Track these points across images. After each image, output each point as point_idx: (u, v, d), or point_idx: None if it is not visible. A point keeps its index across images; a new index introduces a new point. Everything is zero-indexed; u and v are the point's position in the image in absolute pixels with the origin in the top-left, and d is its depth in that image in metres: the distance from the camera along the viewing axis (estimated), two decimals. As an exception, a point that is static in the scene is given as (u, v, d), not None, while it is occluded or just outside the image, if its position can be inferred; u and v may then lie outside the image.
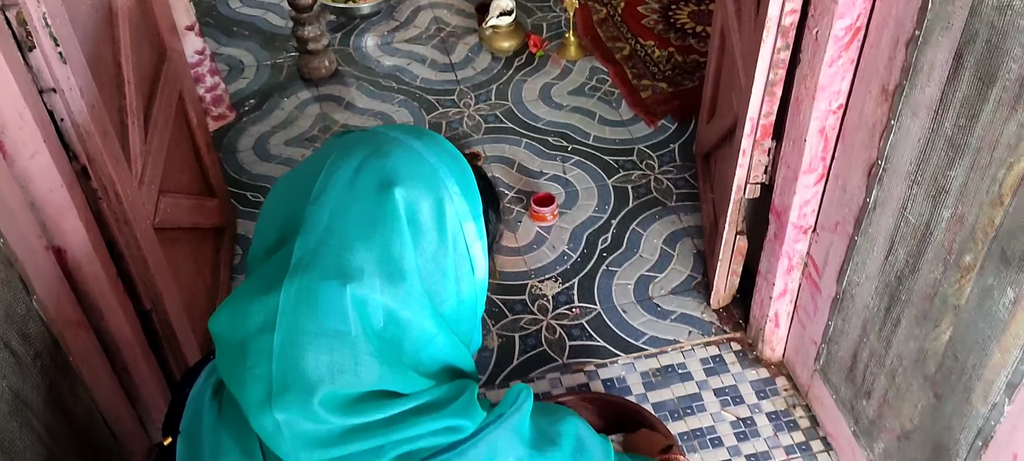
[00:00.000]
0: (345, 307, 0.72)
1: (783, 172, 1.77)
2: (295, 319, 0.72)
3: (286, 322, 0.72)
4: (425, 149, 0.79)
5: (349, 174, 0.75)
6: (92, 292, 1.39)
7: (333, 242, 0.73)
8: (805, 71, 1.58)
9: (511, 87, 2.99)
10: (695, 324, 2.19)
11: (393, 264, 0.73)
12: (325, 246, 0.73)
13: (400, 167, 0.76)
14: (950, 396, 1.42)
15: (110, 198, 1.42)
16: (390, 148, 0.77)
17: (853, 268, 1.66)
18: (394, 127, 0.82)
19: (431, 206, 0.76)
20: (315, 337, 0.72)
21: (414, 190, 0.76)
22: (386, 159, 0.76)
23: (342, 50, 3.18)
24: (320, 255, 0.73)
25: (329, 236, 0.73)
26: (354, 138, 0.80)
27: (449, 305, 0.79)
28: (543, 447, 0.83)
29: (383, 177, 0.75)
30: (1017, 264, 1.20)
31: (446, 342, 0.79)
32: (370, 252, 0.73)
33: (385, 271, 0.73)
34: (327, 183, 0.75)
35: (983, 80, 1.19)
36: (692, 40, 3.16)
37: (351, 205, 0.74)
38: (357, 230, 0.73)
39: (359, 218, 0.74)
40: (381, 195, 0.74)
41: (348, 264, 0.72)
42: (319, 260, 0.72)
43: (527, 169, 2.65)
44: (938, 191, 1.35)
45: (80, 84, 1.31)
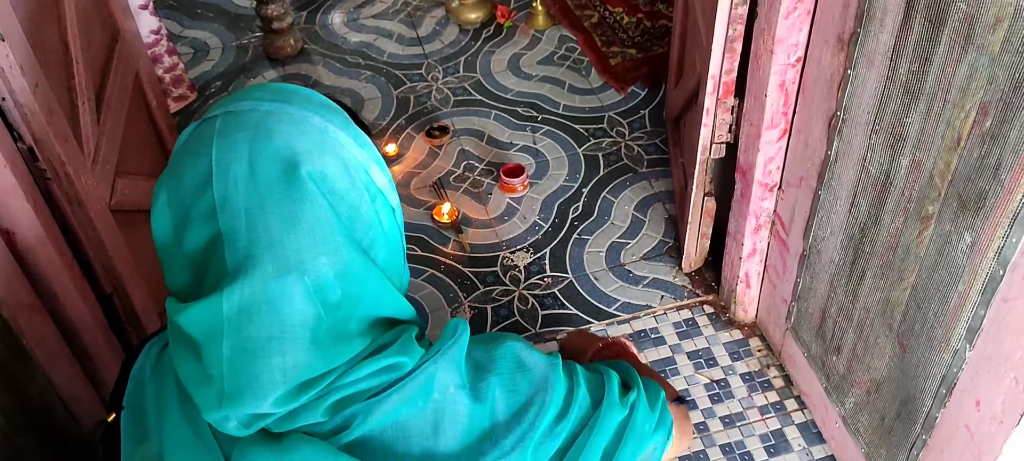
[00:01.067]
0: (308, 296, 0.72)
1: (746, 129, 1.76)
2: (242, 330, 0.71)
3: (234, 334, 0.71)
4: (301, 110, 0.77)
5: (244, 167, 0.72)
6: (45, 275, 1.37)
7: (262, 243, 0.71)
8: (763, 25, 1.57)
9: (479, 59, 2.96)
10: (667, 288, 2.18)
11: (326, 240, 0.73)
12: (255, 248, 0.71)
13: (293, 142, 0.74)
14: (915, 346, 1.42)
15: (60, 179, 1.40)
16: (270, 124, 0.75)
17: (818, 223, 1.65)
18: (250, 93, 0.78)
19: (336, 168, 0.76)
20: (266, 342, 0.71)
21: (317, 161, 0.74)
22: (273, 139, 0.74)
23: (308, 28, 3.14)
24: (254, 259, 0.71)
25: (254, 238, 0.71)
26: (224, 125, 0.75)
27: (380, 251, 0.79)
28: (481, 375, 0.83)
29: (282, 160, 0.73)
30: (973, 208, 1.19)
31: (390, 296, 0.79)
32: (300, 236, 0.72)
33: (323, 249, 0.73)
34: (226, 184, 0.72)
35: (933, 22, 1.18)
36: (660, 5, 3.13)
37: (264, 200, 0.72)
38: (280, 223, 0.72)
39: (277, 210, 0.72)
40: (289, 180, 0.73)
41: (286, 256, 0.72)
42: (256, 264, 0.71)
43: (497, 141, 2.63)
44: (896, 139, 1.34)
45: (20, 62, 1.28)
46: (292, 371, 0.72)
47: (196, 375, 0.74)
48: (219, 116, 0.76)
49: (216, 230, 0.72)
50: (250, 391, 0.72)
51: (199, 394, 0.74)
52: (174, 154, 0.78)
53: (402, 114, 2.74)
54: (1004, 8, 1.05)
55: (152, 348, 0.87)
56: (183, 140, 0.77)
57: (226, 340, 0.71)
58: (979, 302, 1.23)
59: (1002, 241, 1.15)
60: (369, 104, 2.78)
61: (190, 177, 0.74)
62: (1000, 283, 1.18)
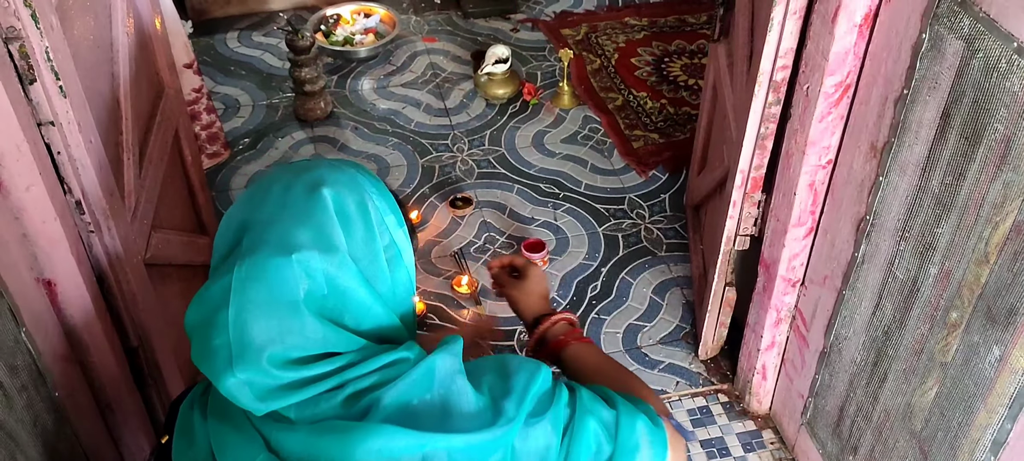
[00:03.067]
0: (292, 274, 0.85)
1: (772, 225, 1.79)
2: (245, 293, 0.85)
3: (238, 297, 0.85)
4: (344, 165, 0.97)
5: (283, 185, 0.92)
6: (79, 326, 1.39)
7: (273, 229, 0.88)
8: (796, 126, 1.61)
9: (504, 133, 3.01)
10: (683, 375, 2.18)
11: (327, 240, 0.88)
12: (267, 233, 0.88)
13: (325, 174, 0.93)
14: (936, 453, 1.42)
15: (103, 232, 1.42)
16: (315, 165, 0.95)
17: (841, 322, 1.66)
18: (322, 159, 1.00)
19: (355, 202, 0.92)
20: (264, 305, 0.85)
21: (339, 189, 0.91)
22: (313, 171, 0.93)
23: (338, 92, 3.20)
24: (263, 240, 0.87)
25: (269, 226, 0.88)
26: (285, 166, 0.97)
27: (384, 285, 0.93)
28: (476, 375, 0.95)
29: (312, 182, 0.91)
30: (1003, 322, 1.21)
31: (383, 313, 0.93)
32: (306, 231, 0.88)
33: (321, 245, 0.87)
34: (266, 195, 0.92)
35: (969, 140, 1.22)
36: (684, 93, 3.20)
37: (287, 205, 0.90)
38: (293, 220, 0.89)
39: (294, 212, 0.89)
40: (312, 194, 0.90)
41: (289, 240, 0.87)
42: (263, 244, 0.87)
43: (518, 215, 2.66)
44: (925, 248, 1.36)
45: (78, 118, 1.31)
46: (287, 336, 0.85)
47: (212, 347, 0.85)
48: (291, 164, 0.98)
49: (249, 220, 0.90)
50: (250, 348, 0.84)
51: (213, 364, 0.85)
52: None
53: (426, 182, 2.78)
54: (1041, 133, 1.08)
55: (199, 386, 1.00)
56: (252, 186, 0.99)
57: (232, 304, 0.85)
58: (1006, 416, 1.24)
59: (1031, 357, 1.17)
60: (395, 171, 2.82)
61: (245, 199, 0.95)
62: (1028, 399, 1.19)
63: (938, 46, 1.25)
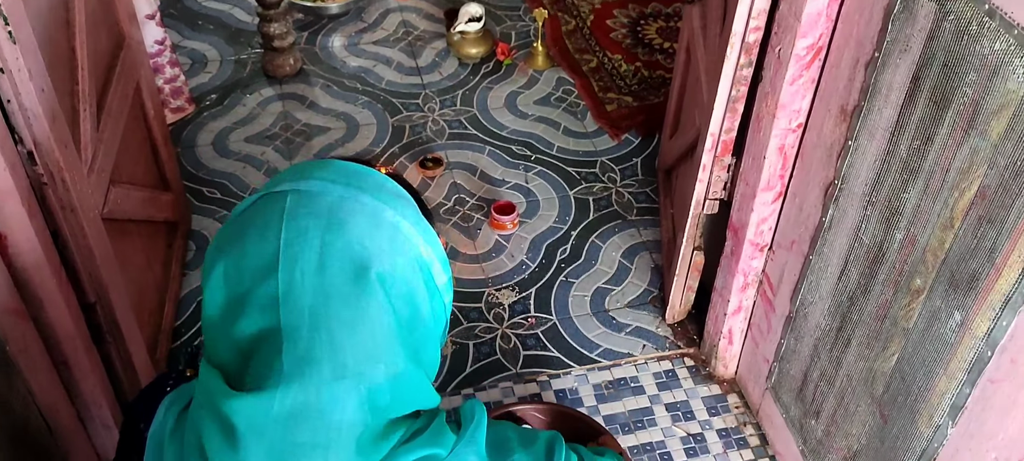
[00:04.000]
0: (355, 407, 0.70)
1: (742, 189, 1.78)
2: (288, 430, 0.69)
3: (279, 432, 0.69)
4: (375, 201, 0.74)
5: (314, 260, 0.70)
6: (33, 281, 1.35)
7: (322, 346, 0.69)
8: (767, 88, 1.60)
9: (477, 94, 2.98)
10: (649, 338, 2.19)
11: (387, 348, 0.72)
12: (315, 352, 0.69)
13: (365, 239, 0.71)
14: (896, 418, 1.43)
15: (56, 184, 1.38)
16: (343, 216, 0.72)
17: (807, 287, 1.67)
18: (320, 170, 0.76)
19: (405, 270, 0.74)
20: (310, 449, 0.69)
21: (387, 261, 0.72)
22: (346, 232, 0.71)
23: (308, 49, 3.15)
24: (313, 363, 0.69)
25: (315, 340, 0.69)
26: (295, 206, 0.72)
27: (429, 349, 0.79)
28: (503, 453, 0.85)
29: (354, 260, 0.70)
30: (965, 288, 1.21)
31: (428, 392, 0.79)
32: (363, 344, 0.71)
33: (382, 358, 0.72)
34: (292, 277, 0.69)
35: (938, 103, 1.21)
36: (659, 56, 3.17)
37: (330, 300, 0.70)
38: (343, 327, 0.70)
39: (342, 313, 0.70)
40: (359, 283, 0.70)
41: (346, 365, 0.70)
42: (314, 368, 0.69)
43: (489, 177, 2.63)
44: (892, 213, 1.36)
45: (29, 66, 1.27)
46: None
47: (227, 457, 0.71)
48: (289, 193, 0.73)
49: (275, 323, 0.69)
50: None
51: None
52: (235, 222, 0.74)
53: (396, 142, 2.75)
54: (1009, 96, 1.07)
55: (172, 407, 0.83)
56: (243, 208, 0.75)
57: (268, 439, 0.69)
58: (965, 381, 1.24)
59: (992, 323, 1.17)
60: (364, 130, 2.78)
61: (253, 257, 0.71)
62: (987, 364, 1.19)
63: (910, 8, 1.24)
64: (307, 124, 2.79)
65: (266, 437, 0.69)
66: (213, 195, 2.49)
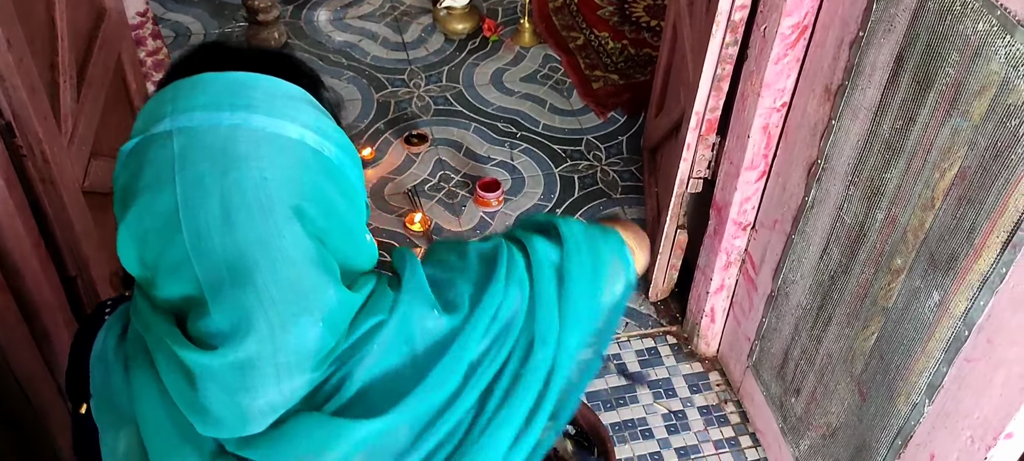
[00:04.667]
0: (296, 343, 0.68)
1: (726, 168, 1.78)
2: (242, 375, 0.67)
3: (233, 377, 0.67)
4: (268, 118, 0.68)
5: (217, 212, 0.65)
6: (11, 252, 1.34)
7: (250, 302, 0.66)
8: (752, 67, 1.59)
9: (463, 70, 2.97)
10: (632, 316, 2.19)
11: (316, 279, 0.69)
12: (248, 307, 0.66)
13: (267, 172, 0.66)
14: (874, 396, 1.44)
15: (35, 156, 1.37)
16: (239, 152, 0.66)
17: (789, 266, 1.67)
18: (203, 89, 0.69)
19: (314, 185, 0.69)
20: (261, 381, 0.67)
21: (295, 190, 0.67)
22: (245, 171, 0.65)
23: (293, 23, 3.12)
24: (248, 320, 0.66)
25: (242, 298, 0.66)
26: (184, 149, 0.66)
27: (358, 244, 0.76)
28: (445, 286, 0.79)
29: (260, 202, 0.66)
30: (944, 267, 1.22)
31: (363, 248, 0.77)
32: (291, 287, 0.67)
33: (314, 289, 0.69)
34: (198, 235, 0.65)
35: (921, 83, 1.21)
36: (646, 34, 3.16)
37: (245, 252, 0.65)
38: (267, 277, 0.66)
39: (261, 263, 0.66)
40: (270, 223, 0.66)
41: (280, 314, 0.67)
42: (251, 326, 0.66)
43: (474, 154, 2.63)
44: (874, 193, 1.37)
45: (7, 35, 1.25)
46: (288, 394, 0.69)
47: (188, 397, 0.69)
48: (174, 134, 0.66)
49: (195, 290, 0.66)
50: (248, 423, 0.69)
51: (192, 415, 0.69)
52: (125, 169, 0.68)
53: (381, 118, 2.73)
54: (991, 77, 1.08)
55: (111, 329, 0.79)
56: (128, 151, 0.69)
57: (221, 381, 0.67)
58: (942, 359, 1.26)
59: (970, 303, 1.18)
60: (349, 105, 2.77)
61: (152, 217, 0.66)
62: (965, 343, 1.20)
63: (894, -12, 1.24)
64: (291, 99, 2.77)
65: (218, 380, 0.67)
66: (196, 169, 2.47)
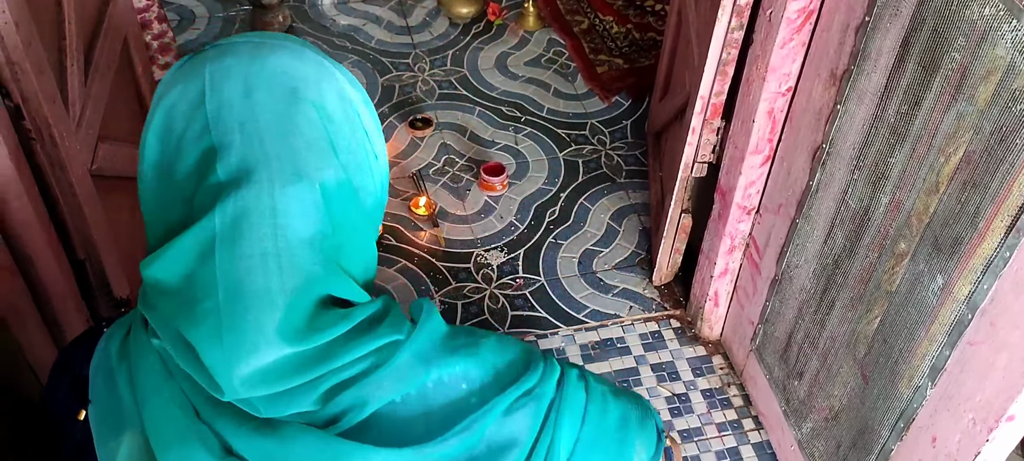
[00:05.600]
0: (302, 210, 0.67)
1: (730, 152, 1.79)
2: (235, 242, 0.65)
3: (226, 248, 0.65)
4: (295, 45, 0.73)
5: (239, 86, 0.68)
6: (22, 237, 1.35)
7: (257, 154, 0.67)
8: (757, 52, 1.60)
9: (467, 54, 2.97)
10: (636, 300, 2.20)
11: (327, 160, 0.69)
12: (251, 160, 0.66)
13: (288, 68, 0.70)
14: (877, 379, 1.45)
15: (44, 140, 1.38)
16: (265, 52, 0.71)
17: (793, 250, 1.68)
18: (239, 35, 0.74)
19: (333, 98, 0.71)
20: (261, 258, 0.65)
21: (313, 88, 0.70)
22: (269, 63, 0.70)
23: (297, 7, 3.12)
24: (250, 171, 0.66)
25: (250, 150, 0.66)
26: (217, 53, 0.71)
27: (370, 196, 0.75)
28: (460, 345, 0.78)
29: (279, 83, 0.69)
30: (948, 251, 1.23)
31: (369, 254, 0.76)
32: (301, 152, 0.68)
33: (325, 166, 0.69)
34: (220, 101, 0.68)
35: (927, 68, 1.22)
36: (651, 18, 3.16)
37: (259, 115, 0.67)
38: (277, 137, 0.67)
39: (274, 124, 0.67)
40: (289, 101, 0.68)
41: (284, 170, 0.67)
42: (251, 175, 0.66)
43: (479, 138, 2.63)
44: (878, 177, 1.37)
45: (15, 18, 1.26)
46: (291, 293, 0.66)
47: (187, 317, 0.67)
48: (210, 47, 0.71)
49: (209, 145, 0.67)
50: (251, 314, 0.65)
51: (196, 334, 0.66)
52: (160, 90, 0.72)
53: (386, 102, 2.74)
54: (996, 62, 1.08)
55: (112, 336, 0.79)
56: (170, 75, 0.72)
57: (218, 259, 0.65)
58: (945, 343, 1.26)
59: (973, 286, 1.19)
60: (353, 89, 2.77)
61: (181, 104, 0.69)
62: (968, 327, 1.21)
63: (900, -27, 1.24)
64: (296, 82, 2.78)
65: (218, 258, 0.65)
66: (201, 153, 2.48)
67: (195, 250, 0.66)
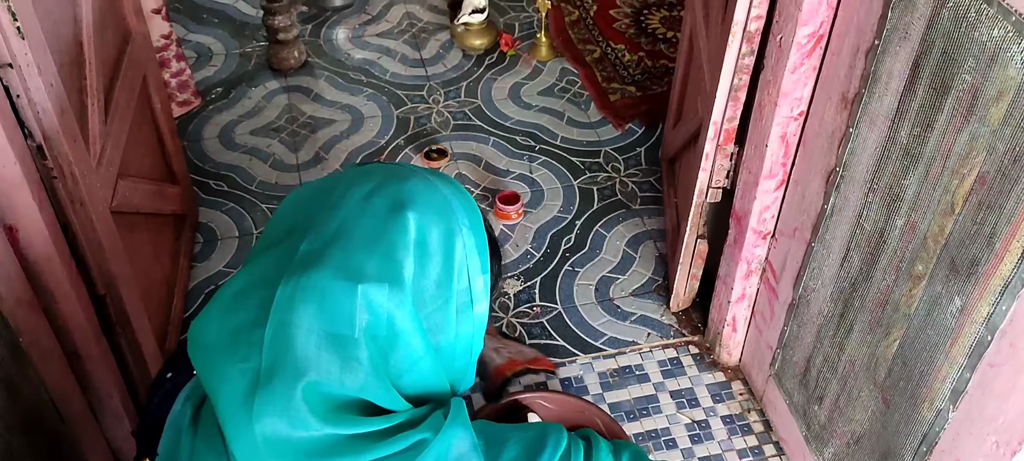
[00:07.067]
0: (354, 307, 0.72)
1: (744, 177, 1.79)
2: (291, 313, 0.71)
3: (281, 315, 0.71)
4: (441, 184, 0.80)
5: (365, 191, 0.77)
6: (44, 273, 1.37)
7: (339, 244, 0.73)
8: (768, 77, 1.60)
9: (481, 85, 2.99)
10: (654, 326, 2.20)
11: (395, 271, 0.74)
12: (330, 247, 0.73)
13: (415, 193, 0.77)
14: (898, 402, 1.44)
15: (66, 178, 1.40)
16: (407, 175, 0.79)
17: (809, 274, 1.68)
18: (413, 166, 0.84)
19: (441, 234, 0.77)
20: (308, 333, 0.71)
21: (426, 215, 0.76)
22: (403, 183, 0.78)
23: (312, 42, 3.16)
24: (325, 256, 0.73)
25: (336, 240, 0.74)
26: (375, 165, 0.82)
27: (446, 337, 0.79)
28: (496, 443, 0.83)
29: (397, 199, 0.76)
30: (965, 273, 1.22)
31: (430, 369, 0.78)
32: (374, 257, 0.73)
33: (388, 277, 0.73)
34: (343, 197, 0.76)
35: (938, 90, 1.22)
36: (662, 45, 3.18)
37: (363, 218, 0.75)
38: (364, 239, 0.74)
39: (368, 230, 0.74)
40: (393, 214, 0.75)
41: (353, 264, 0.72)
42: (324, 260, 0.73)
43: (494, 167, 2.65)
44: (893, 199, 1.37)
45: (38, 61, 1.29)
46: (326, 372, 0.71)
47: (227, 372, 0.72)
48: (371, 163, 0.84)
49: (313, 220, 0.75)
50: (284, 372, 0.70)
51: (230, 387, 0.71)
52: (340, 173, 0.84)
53: (401, 134, 2.76)
54: (1007, 83, 1.08)
55: (188, 400, 0.84)
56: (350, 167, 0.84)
57: (270, 324, 0.71)
58: (965, 365, 1.25)
59: (991, 308, 1.18)
60: (369, 122, 2.80)
61: (326, 183, 0.79)
62: (987, 349, 1.20)
63: (909, -4, 1.25)
64: (312, 116, 2.81)
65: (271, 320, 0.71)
66: (220, 187, 2.51)
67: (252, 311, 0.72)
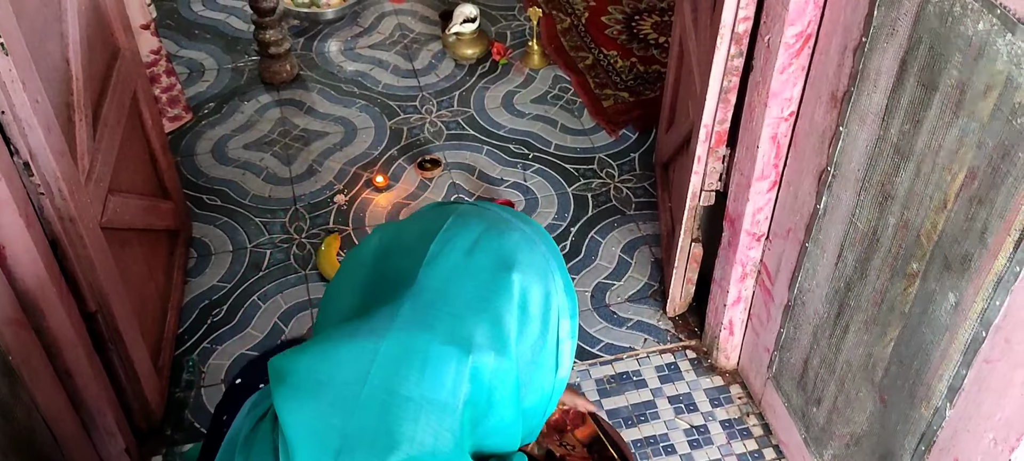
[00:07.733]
0: (461, 378, 0.69)
1: (736, 179, 1.78)
2: (391, 373, 0.68)
3: (380, 374, 0.68)
4: (536, 235, 0.78)
5: (467, 244, 0.73)
6: (32, 291, 1.36)
7: (445, 307, 0.70)
8: (757, 78, 1.60)
9: (474, 94, 2.99)
10: (651, 332, 2.19)
11: (503, 340, 0.71)
12: (436, 309, 0.70)
13: (517, 251, 0.75)
14: (896, 402, 1.43)
15: (54, 194, 1.39)
16: (505, 228, 0.76)
17: (804, 275, 1.67)
18: (501, 207, 0.81)
19: (540, 296, 0.75)
20: (406, 400, 0.68)
21: (529, 276, 0.74)
22: (504, 238, 0.75)
23: (304, 55, 3.16)
24: (432, 317, 0.70)
25: (441, 300, 0.71)
26: (468, 210, 0.78)
27: (532, 399, 0.77)
28: None
29: (502, 257, 0.74)
30: (958, 269, 1.21)
31: (514, 432, 0.77)
32: (482, 324, 0.71)
33: (495, 346, 0.71)
34: (444, 248, 0.73)
35: (926, 86, 1.21)
36: (654, 51, 3.18)
37: (467, 277, 0.72)
38: (470, 303, 0.71)
39: (473, 292, 0.72)
40: (498, 274, 0.73)
41: (462, 331, 0.70)
42: (431, 322, 0.70)
43: (488, 176, 2.64)
44: (885, 197, 1.36)
45: (23, 77, 1.28)
46: (417, 445, 0.68)
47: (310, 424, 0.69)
48: (464, 202, 0.80)
49: (413, 274, 0.72)
50: (373, 446, 0.67)
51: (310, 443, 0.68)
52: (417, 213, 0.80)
53: (395, 145, 2.76)
54: (995, 77, 1.08)
55: (252, 411, 0.83)
56: (429, 205, 0.80)
57: (369, 381, 0.68)
58: (961, 362, 1.25)
59: (986, 303, 1.17)
60: (362, 133, 2.79)
61: (416, 229, 0.76)
62: (983, 345, 1.20)
63: (896, -7, 1.25)
64: (305, 129, 2.80)
65: (368, 380, 0.68)
66: (213, 202, 2.50)
67: (353, 360, 0.69)
